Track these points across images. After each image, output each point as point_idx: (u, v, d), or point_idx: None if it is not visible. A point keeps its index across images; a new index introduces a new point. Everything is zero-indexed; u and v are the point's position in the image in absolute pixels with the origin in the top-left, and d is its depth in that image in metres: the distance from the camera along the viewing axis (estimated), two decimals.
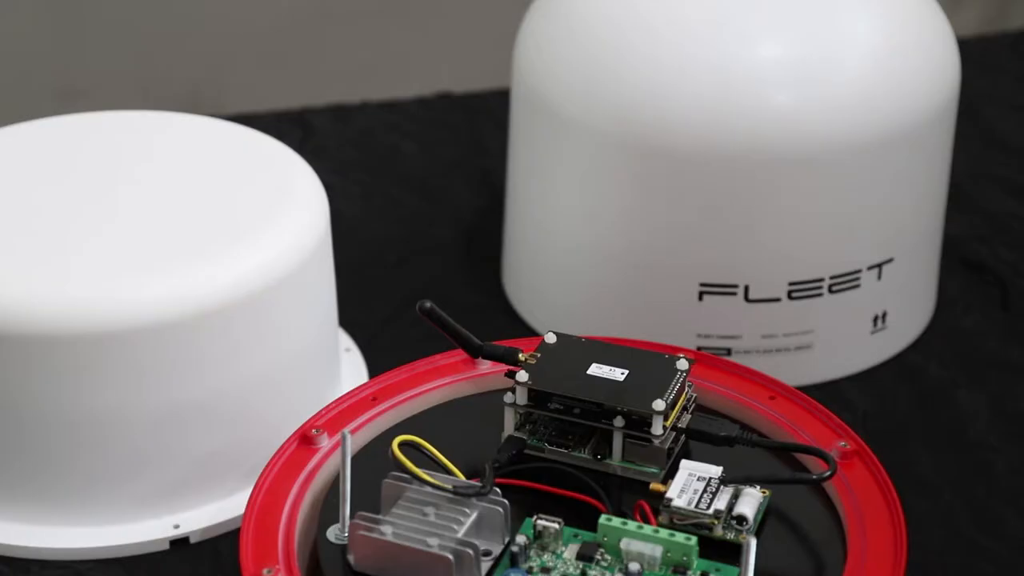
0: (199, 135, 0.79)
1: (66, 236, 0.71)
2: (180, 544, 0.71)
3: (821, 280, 0.81)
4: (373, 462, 0.65)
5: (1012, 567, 0.71)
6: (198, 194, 0.74)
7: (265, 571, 0.59)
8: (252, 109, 1.07)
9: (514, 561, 0.60)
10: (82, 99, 1.39)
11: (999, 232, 0.96)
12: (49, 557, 0.70)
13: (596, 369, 0.66)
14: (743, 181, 0.78)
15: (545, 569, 0.60)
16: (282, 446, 0.66)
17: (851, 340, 0.83)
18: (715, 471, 0.63)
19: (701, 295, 0.81)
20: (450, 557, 0.58)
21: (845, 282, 0.81)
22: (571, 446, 0.66)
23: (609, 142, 0.79)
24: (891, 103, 0.79)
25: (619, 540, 0.60)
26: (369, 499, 0.62)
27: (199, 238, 0.71)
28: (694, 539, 0.60)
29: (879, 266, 0.82)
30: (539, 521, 0.61)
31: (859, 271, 0.81)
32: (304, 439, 0.67)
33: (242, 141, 0.79)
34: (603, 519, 0.61)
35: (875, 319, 0.83)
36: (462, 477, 0.63)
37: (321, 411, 0.68)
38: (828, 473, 0.62)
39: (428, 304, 0.66)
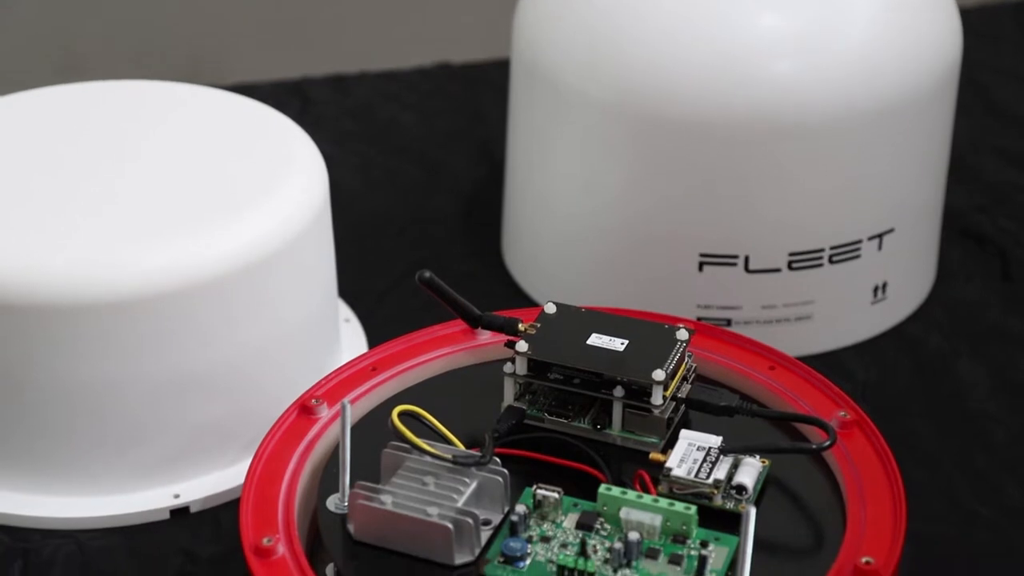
0: (198, 105, 0.79)
1: (64, 206, 0.71)
2: (180, 514, 0.71)
3: (821, 250, 0.81)
4: (373, 432, 0.65)
5: (1011, 536, 0.71)
6: (197, 164, 0.74)
7: (265, 540, 0.60)
8: (251, 79, 1.07)
9: (514, 530, 0.60)
10: (81, 69, 1.38)
11: (1000, 202, 0.95)
12: (50, 527, 0.70)
13: (596, 339, 0.66)
14: (743, 151, 0.78)
15: (545, 538, 0.60)
16: (282, 416, 0.66)
17: (851, 310, 0.83)
18: (715, 441, 0.63)
19: (701, 265, 0.81)
20: (450, 526, 0.58)
21: (845, 252, 0.81)
22: (571, 416, 0.66)
23: (609, 112, 0.79)
24: (892, 73, 0.78)
25: (619, 509, 0.60)
26: (369, 469, 0.62)
27: (198, 208, 0.71)
28: (693, 508, 0.60)
29: (880, 236, 0.82)
30: (539, 491, 0.61)
31: (859, 241, 0.81)
32: (304, 409, 0.67)
33: (241, 111, 0.79)
34: (603, 488, 0.61)
35: (875, 289, 0.83)
36: (462, 447, 0.63)
37: (321, 381, 0.68)
38: (828, 443, 0.63)
39: (427, 274, 0.66)
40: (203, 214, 0.71)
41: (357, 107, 1.05)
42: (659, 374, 0.64)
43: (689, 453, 0.63)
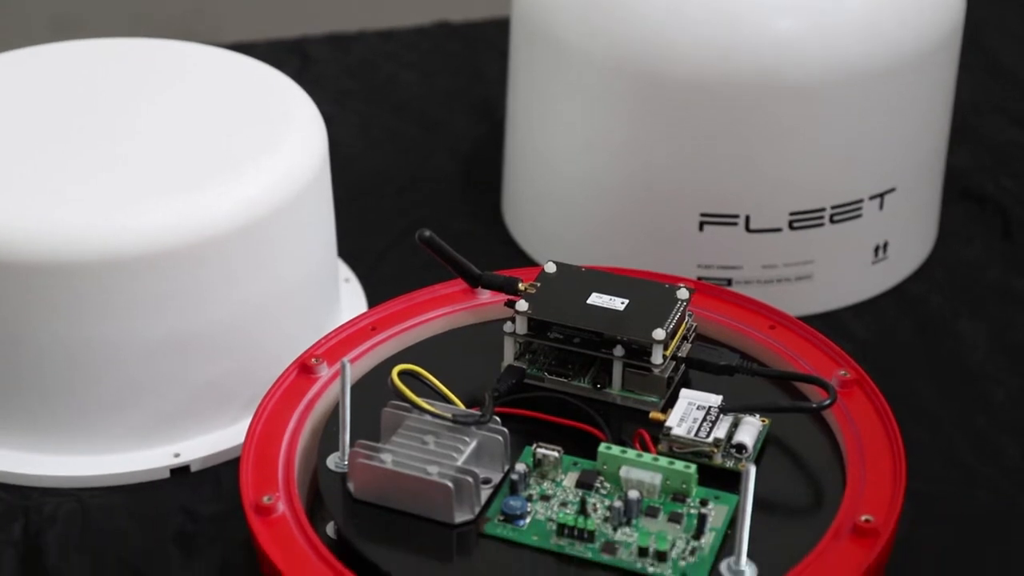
0: (196, 63, 0.79)
1: (62, 165, 0.71)
2: (181, 472, 0.71)
3: (822, 210, 0.80)
4: (372, 391, 0.65)
5: (1010, 496, 0.71)
6: (195, 123, 0.74)
7: (265, 498, 0.60)
8: (249, 38, 1.06)
9: (514, 489, 0.60)
10: (78, 26, 1.38)
11: (1002, 162, 0.95)
12: (51, 485, 0.71)
13: (596, 298, 0.66)
14: (744, 109, 0.77)
15: (545, 497, 0.60)
16: (282, 375, 0.66)
17: (852, 270, 0.83)
18: (715, 400, 0.63)
19: (702, 225, 0.80)
20: (450, 485, 0.58)
21: (846, 212, 0.81)
22: (571, 375, 0.66)
23: (609, 70, 0.79)
24: (895, 31, 0.78)
25: (618, 468, 0.60)
26: (369, 428, 0.62)
27: (197, 167, 0.71)
28: (693, 467, 0.60)
29: (881, 196, 0.82)
30: (539, 449, 0.61)
31: (861, 201, 0.81)
32: (304, 368, 0.67)
33: (240, 69, 0.78)
34: (603, 447, 0.61)
35: (876, 249, 0.83)
36: (462, 406, 0.63)
37: (320, 340, 0.68)
38: (828, 402, 0.63)
39: (427, 233, 0.66)
40: (202, 173, 0.70)
41: (356, 66, 1.05)
42: (659, 333, 0.64)
43: (689, 412, 0.63)
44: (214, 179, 0.70)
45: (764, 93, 0.77)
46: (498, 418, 0.62)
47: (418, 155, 0.96)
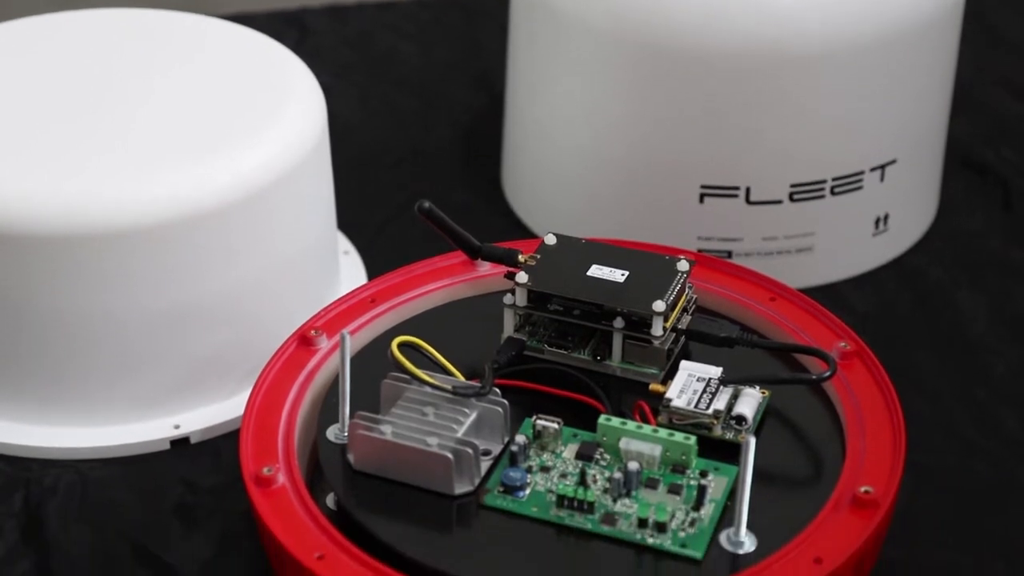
0: (195, 34, 0.78)
1: (61, 136, 0.71)
2: (180, 444, 0.71)
3: (823, 182, 0.80)
4: (372, 363, 0.65)
5: (1009, 468, 0.71)
6: (194, 94, 0.74)
7: (265, 469, 0.60)
8: (248, 9, 1.06)
9: (513, 460, 0.60)
10: None
11: (1003, 133, 0.95)
12: (51, 456, 0.71)
13: (596, 270, 0.66)
14: (745, 80, 0.77)
15: (544, 468, 0.60)
16: (281, 347, 0.66)
17: (852, 242, 0.83)
18: (715, 372, 0.63)
19: (702, 197, 0.80)
20: (449, 456, 0.58)
21: (847, 183, 0.81)
22: (571, 347, 0.66)
23: (609, 41, 0.78)
24: (897, 2, 0.78)
25: (618, 440, 0.60)
26: (368, 399, 0.62)
27: (196, 138, 0.71)
28: (693, 438, 0.60)
29: (882, 167, 0.81)
30: (538, 421, 0.61)
31: (862, 172, 0.81)
32: (303, 340, 0.66)
33: (238, 41, 0.78)
34: (602, 419, 0.61)
35: (877, 221, 0.83)
36: (461, 378, 0.63)
37: (320, 312, 0.68)
38: (828, 373, 0.62)
39: (427, 204, 0.66)
40: (201, 145, 0.70)
41: (355, 37, 1.04)
42: (659, 305, 0.64)
43: (689, 384, 0.63)
44: (213, 151, 0.70)
45: (765, 64, 0.77)
46: (498, 390, 0.61)
47: (417, 127, 0.96)
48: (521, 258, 0.67)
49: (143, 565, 0.65)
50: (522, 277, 0.65)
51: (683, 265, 0.66)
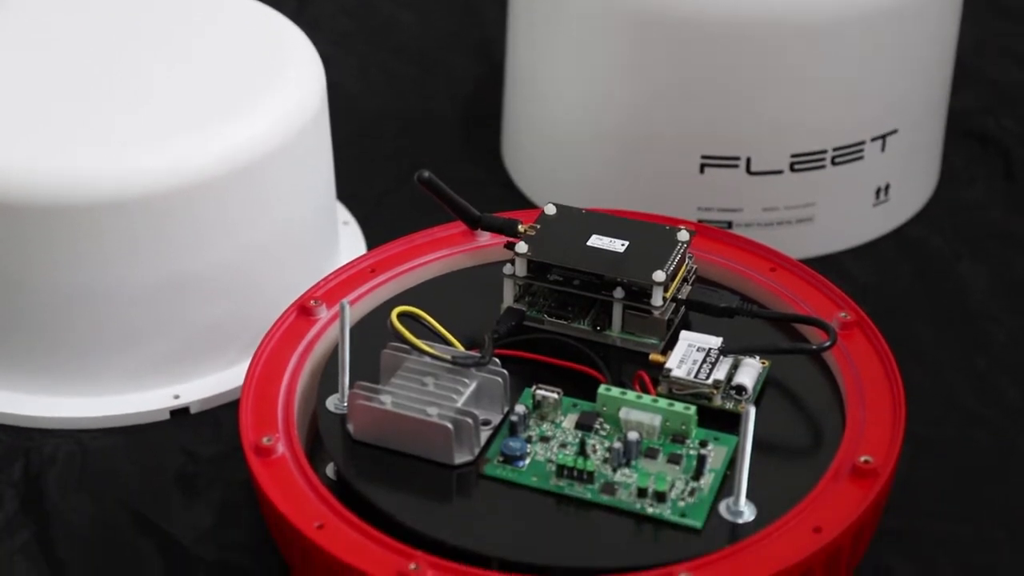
0: (194, 4, 0.78)
1: (60, 107, 0.70)
2: (180, 414, 0.71)
3: (824, 152, 0.80)
4: (372, 333, 0.65)
5: (1009, 437, 0.71)
6: (193, 63, 0.73)
7: (265, 439, 0.60)
8: None
9: (513, 430, 0.60)
10: None
11: (1005, 103, 0.95)
12: (51, 426, 0.71)
13: (596, 240, 0.66)
14: (746, 49, 0.77)
15: (544, 438, 0.60)
16: (281, 317, 0.66)
17: (853, 212, 0.83)
18: (715, 342, 0.63)
19: (702, 167, 0.80)
20: (449, 426, 0.58)
21: (848, 154, 0.80)
22: (571, 317, 0.66)
23: (610, 10, 0.78)
24: None
25: (618, 409, 0.60)
26: (368, 370, 0.62)
27: (195, 107, 0.70)
28: (693, 408, 0.60)
29: (883, 137, 0.81)
30: (538, 391, 0.61)
31: (863, 143, 0.81)
32: (303, 310, 0.66)
33: (237, 10, 0.77)
34: (602, 389, 0.61)
35: (877, 191, 0.83)
36: (461, 348, 0.63)
37: (319, 282, 0.68)
38: (828, 343, 0.62)
39: (427, 174, 0.66)
40: (200, 114, 0.70)
41: (354, 6, 1.04)
42: (659, 275, 0.63)
43: (689, 354, 0.63)
44: (212, 120, 0.70)
45: (766, 33, 0.76)
46: (497, 360, 0.61)
47: (417, 97, 0.96)
48: (521, 228, 0.67)
49: (143, 534, 0.66)
50: (522, 247, 0.65)
51: (683, 235, 0.66)
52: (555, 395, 0.61)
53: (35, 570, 0.64)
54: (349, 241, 0.82)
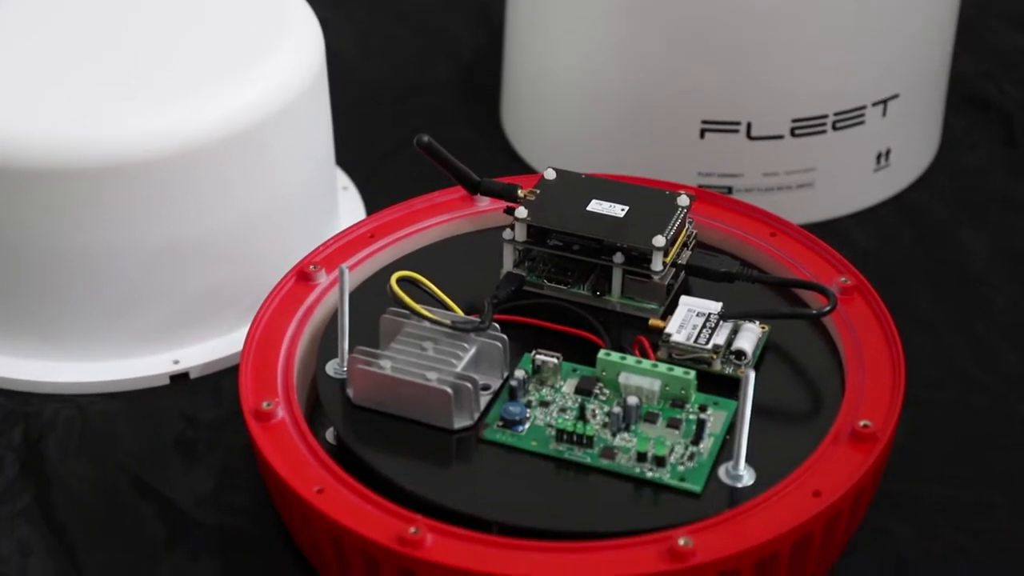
0: None
1: (59, 71, 0.70)
2: (180, 379, 0.71)
3: (825, 117, 0.80)
4: (371, 299, 0.64)
5: (1008, 402, 0.71)
6: (192, 28, 0.73)
7: (264, 404, 0.60)
8: None
9: (513, 395, 0.60)
10: None
11: (1007, 68, 0.94)
12: (50, 391, 0.71)
13: (596, 205, 0.65)
14: (747, 13, 0.76)
15: (544, 403, 0.60)
16: (280, 282, 0.66)
17: (854, 178, 0.82)
18: (714, 307, 0.63)
19: (703, 132, 0.80)
20: (449, 391, 0.58)
21: (849, 119, 0.80)
22: (570, 282, 0.66)
23: None
24: None
25: (618, 374, 0.60)
26: (367, 334, 0.62)
27: (193, 72, 0.70)
28: (692, 373, 0.60)
29: (884, 102, 0.81)
30: (538, 356, 0.61)
31: (864, 107, 0.80)
32: (302, 275, 0.66)
33: None
34: (602, 354, 0.61)
35: (878, 157, 0.83)
36: (460, 313, 0.63)
37: (319, 248, 0.68)
38: (828, 308, 0.62)
39: (426, 138, 0.66)
40: (198, 79, 0.70)
41: None
42: (659, 240, 0.63)
43: (688, 319, 0.62)
44: (210, 85, 0.69)
45: None
46: (497, 325, 0.61)
47: (417, 63, 0.95)
48: (521, 193, 0.66)
49: (143, 498, 0.66)
50: (521, 212, 0.65)
51: (683, 200, 0.66)
52: (555, 360, 0.61)
53: (36, 533, 0.64)
54: (348, 206, 0.82)
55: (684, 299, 0.63)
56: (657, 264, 0.64)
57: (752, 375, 0.55)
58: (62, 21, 0.73)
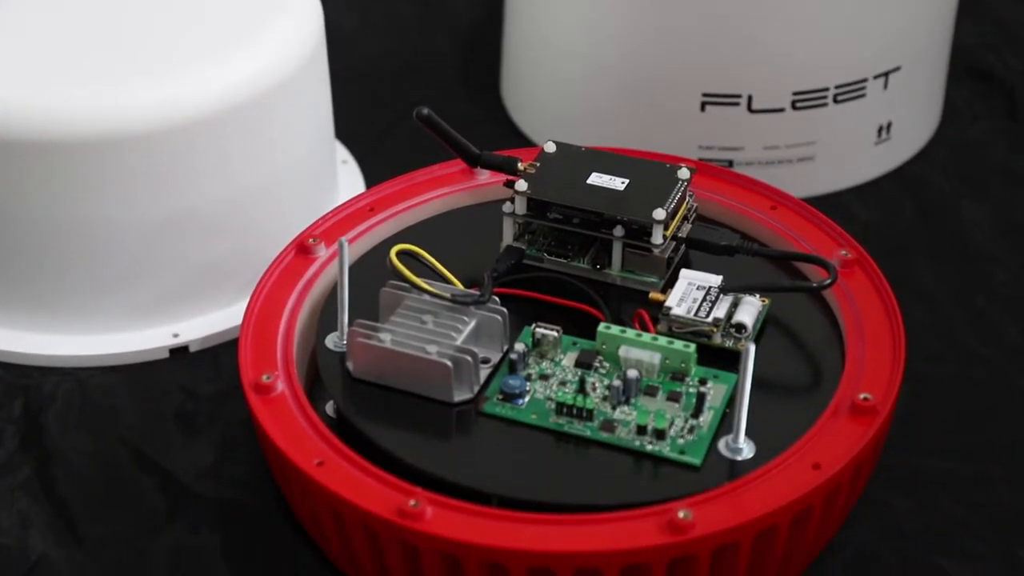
0: None
1: (58, 43, 0.70)
2: (180, 353, 0.71)
3: (826, 89, 0.79)
4: (371, 272, 0.64)
5: (1008, 375, 0.71)
6: (191, 1, 0.73)
7: (264, 377, 0.60)
8: None
9: (513, 368, 0.60)
10: None
11: (1009, 40, 0.94)
12: (50, 364, 0.71)
13: (596, 178, 0.65)
14: None
15: (544, 376, 0.60)
16: (279, 255, 0.66)
17: (855, 151, 0.82)
18: (715, 280, 0.63)
19: (703, 105, 0.79)
20: (448, 364, 0.58)
21: (850, 91, 0.80)
22: (570, 256, 0.65)
23: None
24: None
25: (618, 348, 0.60)
26: (367, 308, 0.62)
27: (193, 44, 0.70)
28: (693, 346, 0.60)
29: (886, 75, 0.81)
30: (538, 329, 0.61)
31: (865, 80, 0.80)
32: (301, 248, 0.66)
33: None
34: (602, 327, 0.61)
35: (880, 129, 0.82)
36: (460, 286, 0.63)
37: (318, 221, 0.68)
38: (828, 281, 0.62)
39: (426, 111, 0.65)
40: (198, 51, 0.69)
41: None
42: (659, 213, 0.63)
43: (689, 292, 0.62)
44: (210, 57, 0.69)
45: None
46: (497, 298, 0.61)
47: (416, 36, 0.95)
48: (520, 166, 0.66)
49: (143, 471, 0.66)
50: (521, 185, 0.65)
51: (684, 173, 0.65)
52: (554, 333, 0.61)
53: (36, 506, 0.64)
54: (348, 180, 0.82)
55: (684, 272, 0.63)
56: (657, 237, 0.63)
57: (752, 348, 0.55)
58: None
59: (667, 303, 0.62)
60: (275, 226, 0.72)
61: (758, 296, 0.63)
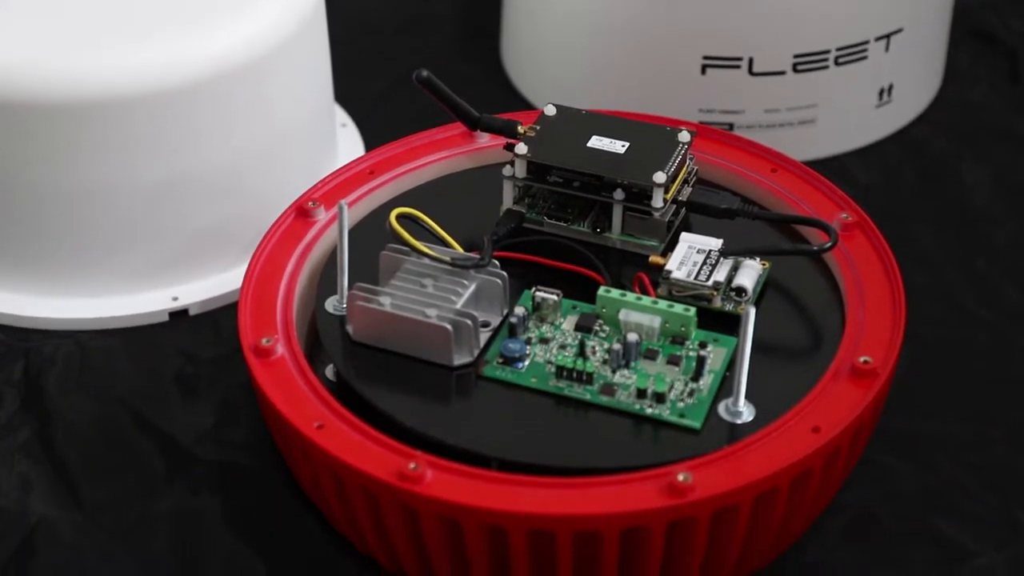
0: None
1: (58, 6, 0.70)
2: (179, 316, 0.71)
3: (827, 52, 0.79)
4: (370, 235, 0.64)
5: (1008, 338, 0.71)
6: None
7: (264, 340, 0.60)
8: None
9: (513, 332, 0.60)
10: None
11: (1011, 1, 0.93)
12: (50, 327, 0.71)
13: (596, 141, 0.65)
14: None
15: (544, 340, 0.60)
16: (279, 218, 0.66)
17: (856, 114, 0.82)
18: (715, 243, 0.63)
19: (704, 68, 0.79)
20: (448, 327, 0.58)
21: (851, 54, 0.80)
22: (570, 219, 0.65)
23: None
24: None
25: (618, 311, 0.60)
26: (367, 271, 0.62)
27: (192, 6, 0.70)
28: (693, 310, 0.60)
29: (887, 37, 0.80)
30: (538, 293, 0.61)
31: (866, 42, 0.80)
32: (301, 212, 0.66)
33: None
34: (602, 291, 0.61)
35: (881, 92, 0.82)
36: (460, 250, 0.62)
37: (317, 184, 0.68)
38: (829, 244, 0.62)
39: (425, 73, 0.65)
40: (197, 13, 0.69)
41: None
42: (660, 176, 0.63)
43: (689, 256, 0.62)
44: (208, 18, 0.69)
45: None
46: (497, 262, 0.61)
47: None
48: (520, 129, 0.66)
49: (143, 434, 0.66)
50: (521, 148, 0.64)
51: (684, 136, 0.65)
52: (554, 297, 0.61)
53: (36, 468, 0.64)
54: (347, 143, 0.81)
55: (684, 236, 0.63)
56: (658, 201, 0.63)
57: (752, 312, 0.55)
58: None
59: (667, 267, 0.62)
60: (274, 189, 0.72)
61: (758, 259, 0.63)
